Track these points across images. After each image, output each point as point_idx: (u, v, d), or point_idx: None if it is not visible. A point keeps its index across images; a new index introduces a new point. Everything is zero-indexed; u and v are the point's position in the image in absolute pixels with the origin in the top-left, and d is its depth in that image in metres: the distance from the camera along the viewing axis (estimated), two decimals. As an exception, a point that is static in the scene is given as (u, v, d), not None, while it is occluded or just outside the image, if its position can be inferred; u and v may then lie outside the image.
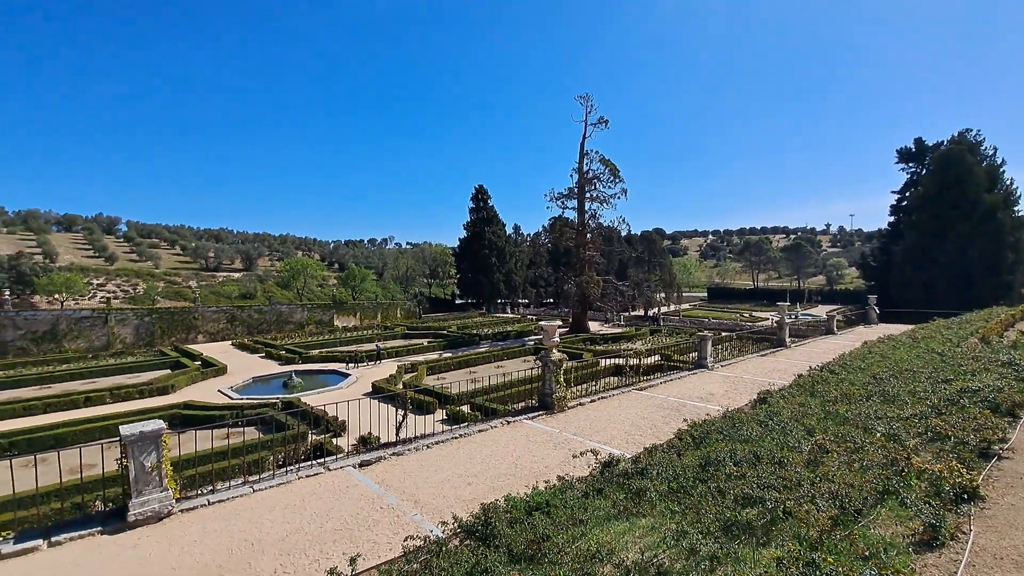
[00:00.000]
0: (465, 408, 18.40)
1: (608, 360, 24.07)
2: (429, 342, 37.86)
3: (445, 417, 18.13)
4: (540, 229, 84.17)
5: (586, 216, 43.64)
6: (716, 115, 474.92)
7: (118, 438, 7.14)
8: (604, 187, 42.50)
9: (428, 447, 10.51)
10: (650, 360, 22.75)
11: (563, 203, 44.23)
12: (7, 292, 49.53)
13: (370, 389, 22.84)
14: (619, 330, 44.09)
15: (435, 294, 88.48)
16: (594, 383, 18.38)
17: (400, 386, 22.67)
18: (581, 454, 9.80)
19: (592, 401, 14.29)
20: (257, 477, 8.75)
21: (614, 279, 48.09)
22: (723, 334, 28.51)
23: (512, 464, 9.76)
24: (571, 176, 43.67)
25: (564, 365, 13.62)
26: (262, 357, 35.40)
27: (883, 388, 12.37)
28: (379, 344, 34.78)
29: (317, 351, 34.81)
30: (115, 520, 7.11)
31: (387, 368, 28.36)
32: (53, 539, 6.68)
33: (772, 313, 54.61)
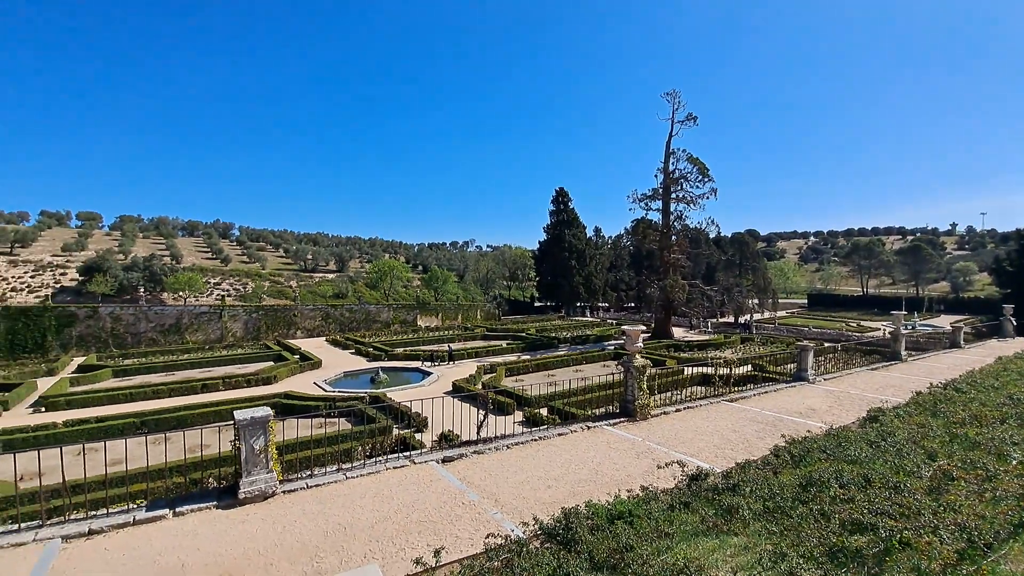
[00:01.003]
0: (543, 411, 18.37)
1: (694, 368, 22.98)
2: (508, 344, 38.31)
3: (523, 419, 18.21)
4: (622, 231, 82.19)
5: (671, 217, 42.12)
6: (818, 102, 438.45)
7: (230, 422, 7.88)
8: (691, 187, 40.83)
9: (508, 447, 10.59)
10: (741, 370, 21.42)
11: (647, 204, 43.02)
12: (142, 289, 56.68)
13: (450, 388, 23.48)
14: (706, 337, 42.03)
15: (514, 296, 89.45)
16: (678, 391, 17.64)
17: (479, 386, 23.11)
18: (666, 465, 9.41)
19: (677, 410, 13.70)
20: (349, 465, 9.27)
21: (701, 283, 45.95)
22: (826, 344, 26.25)
23: (593, 470, 9.58)
24: (656, 176, 42.42)
25: (648, 372, 13.17)
26: (352, 353, 37.65)
27: (1021, 411, 10.78)
28: (450, 345, 35.81)
29: (401, 349, 36.42)
30: (228, 496, 7.83)
31: (466, 368, 29.03)
32: (177, 510, 7.48)
33: (884, 323, 49.59)
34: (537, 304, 79.42)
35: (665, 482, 8.71)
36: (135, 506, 7.57)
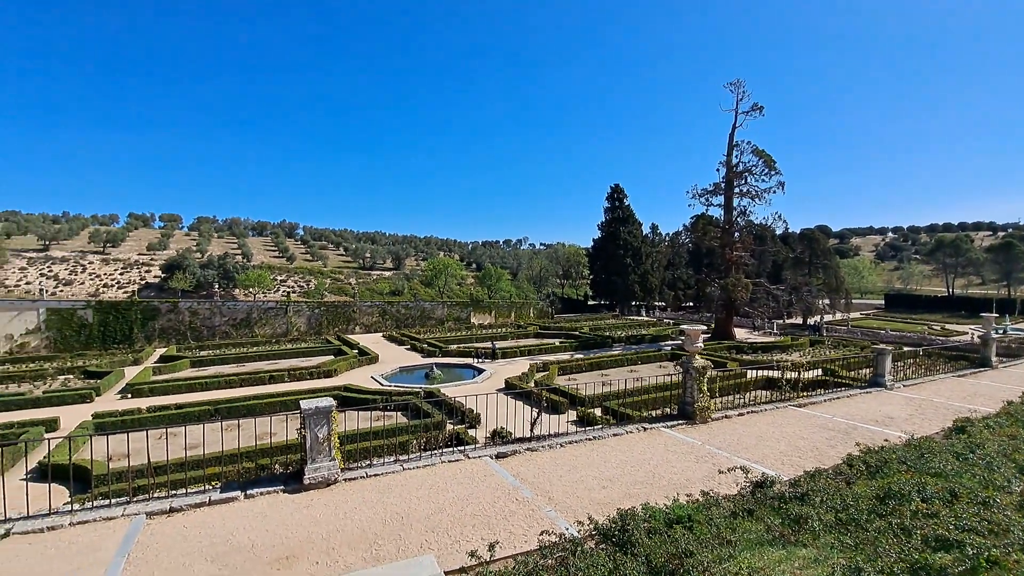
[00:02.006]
0: (596, 411, 18.11)
1: (758, 371, 21.94)
2: (561, 342, 38.08)
3: (576, 418, 18.02)
4: (680, 228, 79.61)
5: (734, 213, 40.40)
6: (901, 88, 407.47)
7: (296, 412, 8.24)
8: (756, 181, 38.97)
9: (561, 446, 10.50)
10: (811, 374, 20.26)
11: (708, 200, 41.44)
12: (216, 286, 60.58)
13: (503, 385, 23.59)
14: (771, 339, 40.09)
15: (567, 295, 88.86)
16: (740, 395, 16.89)
17: (532, 384, 23.08)
18: (728, 470, 9.03)
19: (740, 415, 13.11)
20: (406, 457, 9.49)
21: (766, 282, 43.81)
22: (906, 349, 24.40)
23: (649, 473, 9.33)
24: (717, 170, 40.75)
25: (708, 373, 12.68)
26: (407, 349, 38.62)
27: None
28: (494, 342, 36.06)
29: (455, 346, 36.97)
30: (294, 481, 8.19)
31: (519, 366, 29.09)
32: (248, 492, 7.90)
33: (972, 326, 45.55)
34: (591, 303, 78.48)
35: (727, 488, 8.36)
36: (210, 487, 8.06)
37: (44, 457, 14.43)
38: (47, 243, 73.89)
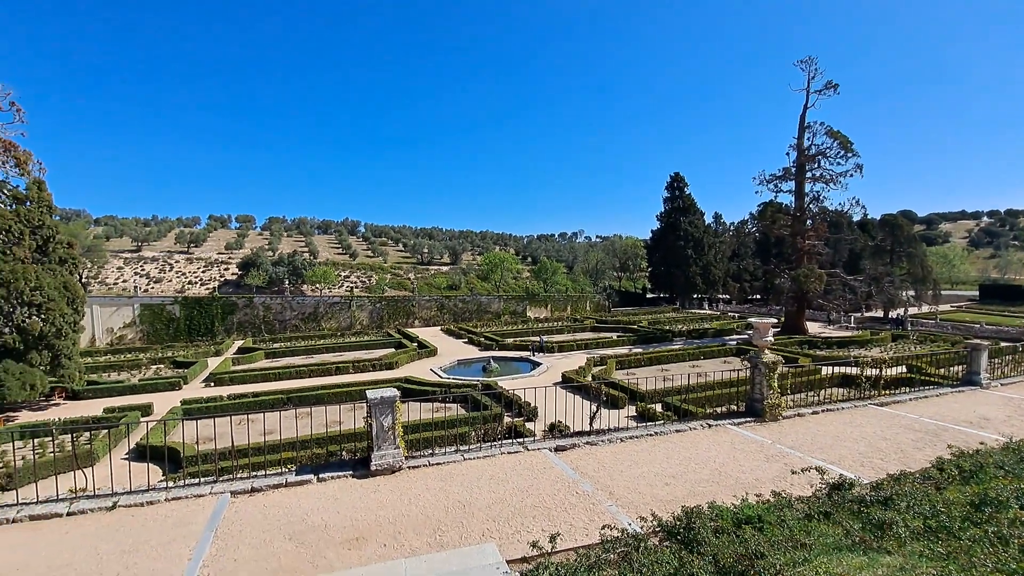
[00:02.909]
0: (656, 407, 17.66)
1: (833, 368, 20.62)
2: (618, 336, 37.44)
3: (635, 414, 17.67)
4: (746, 217, 75.41)
5: (806, 199, 37.98)
6: (993, 59, 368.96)
7: (360, 401, 8.59)
8: (831, 164, 36.35)
9: (621, 441, 10.34)
10: (893, 371, 18.83)
11: (776, 186, 39.12)
12: (287, 282, 64.08)
13: (559, 379, 23.48)
14: (848, 333, 37.57)
15: (625, 288, 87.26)
16: (814, 393, 15.96)
17: (589, 379, 22.84)
18: (802, 471, 8.57)
19: (814, 413, 12.40)
20: (466, 447, 9.66)
21: (842, 273, 40.99)
22: (1003, 344, 22.14)
23: (715, 471, 9.01)
24: (787, 154, 38.30)
25: (778, 369, 12.06)
26: (465, 342, 39.25)
27: None
28: (542, 337, 35.94)
29: (511, 340, 37.17)
30: (361, 467, 8.55)
31: (575, 359, 28.89)
32: (320, 476, 8.32)
33: (1084, 321, 40.65)
34: (649, 296, 76.62)
35: (800, 489, 7.94)
36: (287, 470, 8.56)
37: (141, 439, 15.84)
38: (140, 244, 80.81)
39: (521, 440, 10.18)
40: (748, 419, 11.76)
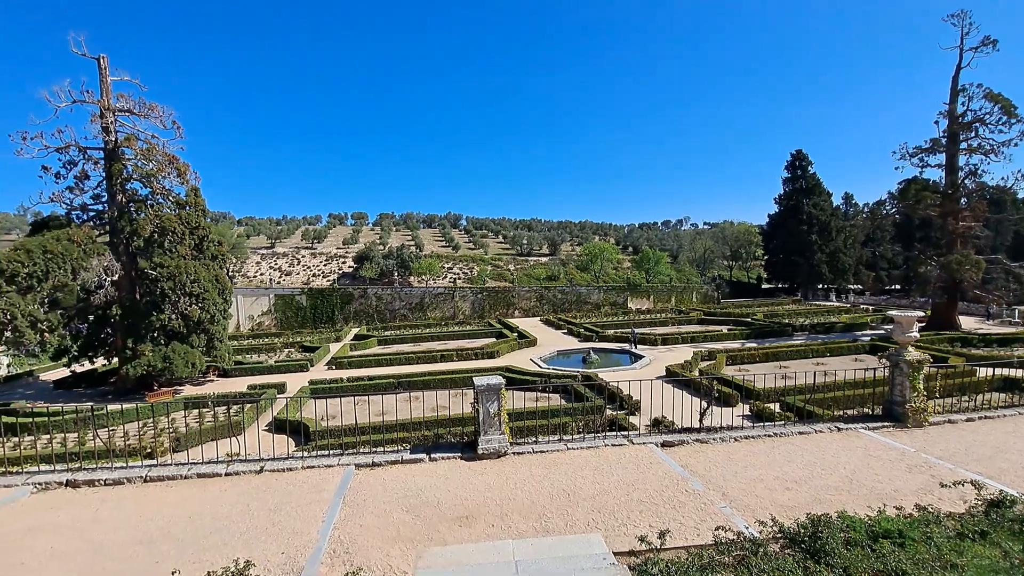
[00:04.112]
0: (773, 406, 16.36)
1: (992, 369, 17.74)
2: (729, 330, 35.21)
3: (748, 412, 16.53)
4: (884, 197, 66.43)
5: (960, 174, 32.70)
6: None
7: (463, 388, 8.92)
8: (991, 132, 31.03)
9: (735, 440, 9.73)
10: (1074, 376, 15.80)
11: (922, 160, 34.00)
12: (396, 274, 68.33)
13: (663, 373, 22.66)
14: (1011, 330, 32.05)
15: (736, 278, 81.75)
16: (967, 397, 13.84)
17: (696, 373, 21.78)
18: (952, 484, 7.50)
19: (968, 420, 10.76)
20: (569, 437, 9.67)
21: (1005, 259, 34.87)
22: None
23: (845, 478, 8.17)
24: (936, 123, 33.14)
25: (924, 369, 10.61)
26: (564, 333, 39.24)
27: None
28: (634, 329, 34.58)
29: (612, 331, 36.49)
30: (469, 450, 8.91)
31: (681, 353, 27.67)
32: (432, 456, 8.81)
33: None
34: (765, 286, 71.00)
35: (950, 504, 6.97)
36: (402, 449, 9.17)
37: (279, 412, 17.85)
38: (273, 242, 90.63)
39: (625, 433, 9.97)
40: (886, 424, 10.50)
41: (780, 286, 66.60)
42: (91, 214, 24.64)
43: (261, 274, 72.26)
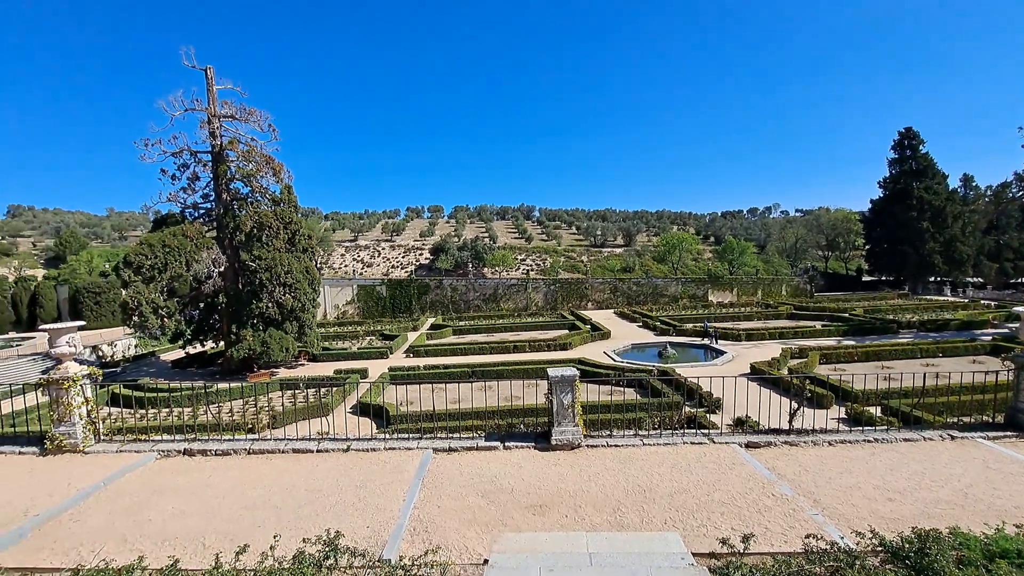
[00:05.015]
0: (874, 410, 15.05)
1: None
2: (823, 326, 32.71)
3: (844, 416, 15.34)
4: (1010, 178, 58.02)
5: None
6: None
7: (535, 379, 8.94)
8: None
9: (830, 444, 9.04)
10: None
11: (1057, 137, 29.78)
12: (470, 265, 69.76)
13: (747, 370, 21.52)
14: None
15: (832, 269, 75.65)
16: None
17: (785, 372, 20.48)
18: (1097, 506, 6.52)
19: (1118, 433, 9.29)
20: (645, 433, 9.44)
21: None
22: None
23: (958, 492, 7.35)
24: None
25: (1061, 372, 9.28)
26: (639, 326, 38.30)
27: None
28: (707, 322, 32.81)
29: (690, 325, 35.14)
30: (542, 441, 8.96)
31: (767, 349, 26.13)
32: (506, 444, 8.94)
33: None
34: (866, 279, 65.10)
35: (1092, 528, 6.06)
36: (476, 436, 9.39)
37: (363, 396, 18.94)
38: (356, 235, 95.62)
39: (705, 432, 9.57)
40: (1008, 434, 9.31)
41: (883, 279, 60.76)
42: (201, 211, 27.27)
43: (345, 266, 76.58)
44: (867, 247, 61.94)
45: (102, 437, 9.59)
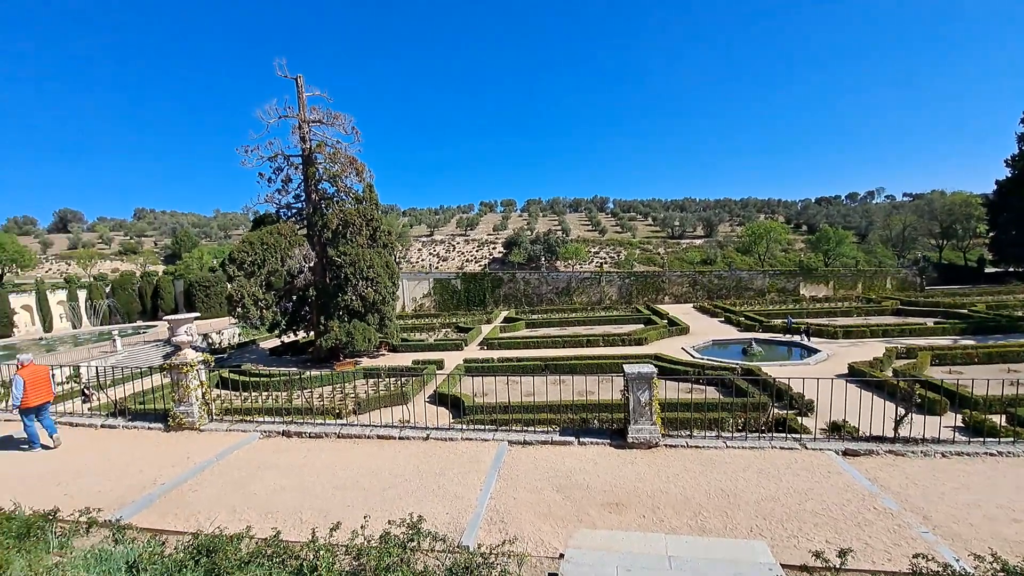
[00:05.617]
0: (997, 419, 13.37)
1: None
2: (936, 323, 29.46)
3: (960, 424, 13.75)
4: None
5: None
6: None
7: (609, 374, 8.77)
8: None
9: (942, 456, 8.16)
10: None
11: None
12: (542, 259, 69.75)
13: (845, 370, 19.88)
14: None
15: (948, 260, 67.90)
16: None
17: (889, 373, 18.70)
18: None
19: None
20: (729, 435, 9.01)
21: None
22: None
23: (1109, 518, 6.37)
24: None
25: None
26: (721, 321, 36.49)
27: None
28: (789, 318, 30.24)
29: (779, 321, 32.95)
30: (618, 438, 8.81)
31: (868, 348, 23.98)
32: (580, 440, 8.89)
33: None
34: (990, 270, 57.77)
35: None
36: (550, 430, 9.42)
37: (439, 385, 19.59)
38: (432, 230, 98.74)
39: (797, 436, 8.96)
40: None
41: (1012, 270, 53.67)
42: (293, 211, 29.36)
43: (422, 260, 79.38)
44: (991, 235, 54.68)
45: (214, 417, 10.65)
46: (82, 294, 47.86)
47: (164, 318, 11.58)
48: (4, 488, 7.44)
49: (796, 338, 28.25)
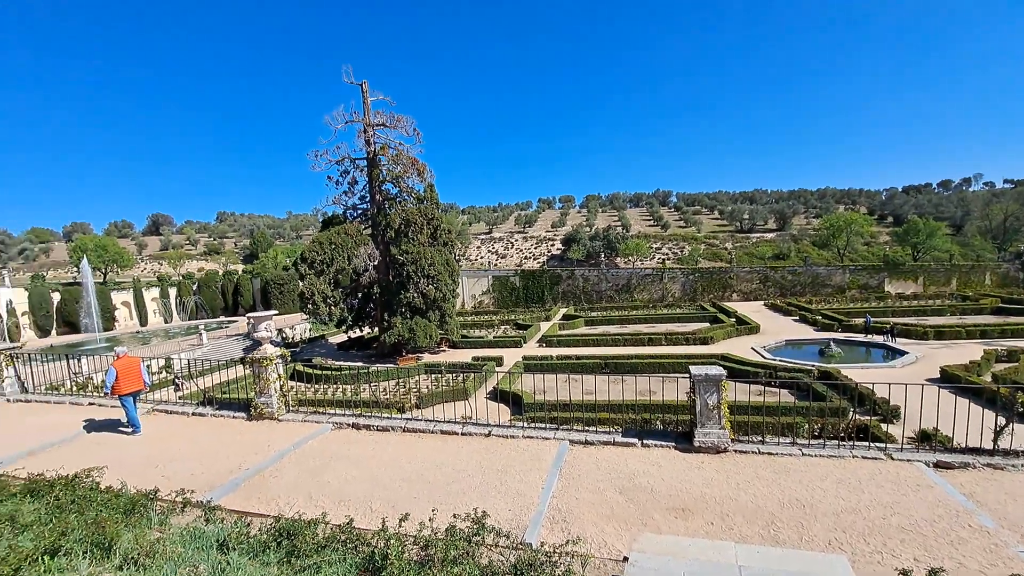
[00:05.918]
0: (1123, 431, 11.85)
1: None
2: (1041, 323, 26.56)
3: (1077, 435, 12.29)
4: None
5: None
6: None
7: (672, 374, 8.50)
8: None
9: (1054, 471, 7.33)
10: None
11: None
12: (602, 255, 68.77)
13: (936, 374, 18.33)
14: None
15: (1056, 253, 60.68)
16: None
17: (988, 378, 17.03)
18: None
19: None
20: (805, 442, 8.53)
21: None
22: None
23: None
24: None
25: None
26: (795, 320, 34.58)
27: None
28: (868, 317, 28.07)
29: (860, 320, 30.79)
30: (683, 441, 8.56)
31: (963, 350, 21.94)
32: (644, 442, 8.71)
33: None
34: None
35: None
36: (612, 430, 9.29)
37: (500, 381, 19.83)
38: (490, 228, 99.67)
39: (881, 445, 8.35)
40: None
41: None
42: (358, 212, 30.63)
43: (481, 258, 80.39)
44: (1115, 224, 48.53)
45: (290, 408, 11.34)
46: (172, 291, 52.36)
47: (247, 315, 12.47)
48: (112, 468, 8.28)
49: (879, 339, 26.31)
